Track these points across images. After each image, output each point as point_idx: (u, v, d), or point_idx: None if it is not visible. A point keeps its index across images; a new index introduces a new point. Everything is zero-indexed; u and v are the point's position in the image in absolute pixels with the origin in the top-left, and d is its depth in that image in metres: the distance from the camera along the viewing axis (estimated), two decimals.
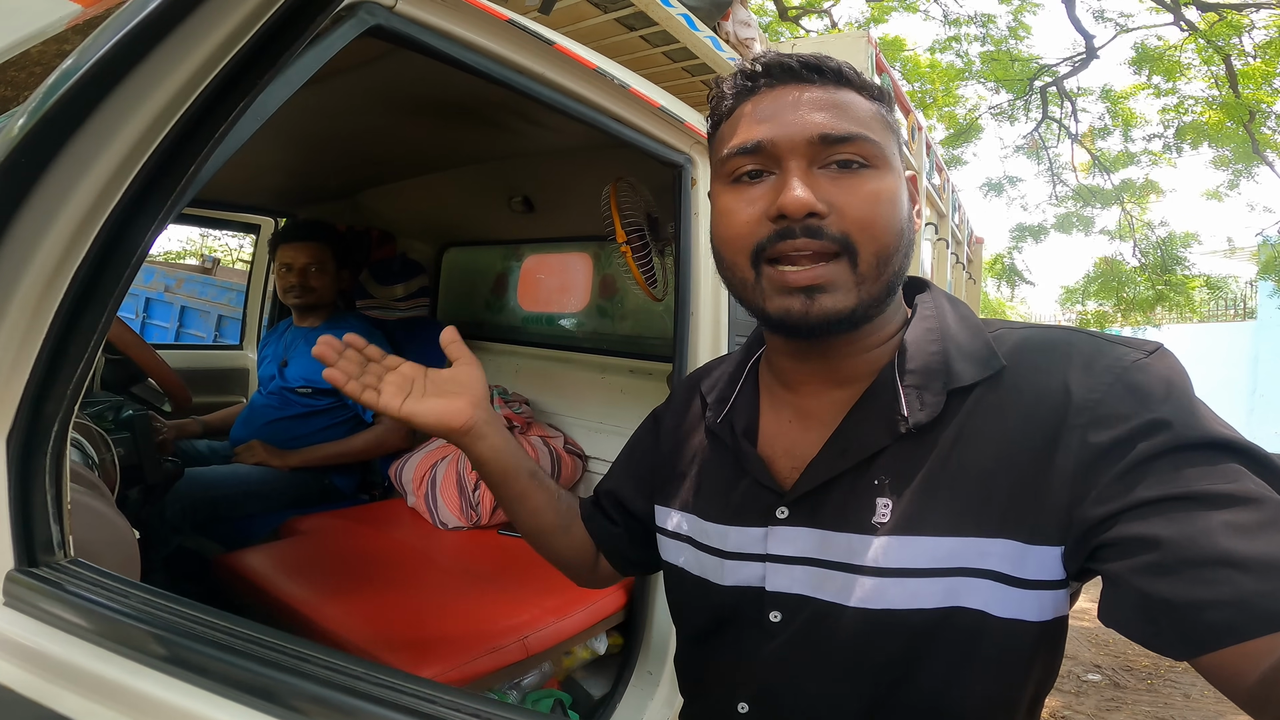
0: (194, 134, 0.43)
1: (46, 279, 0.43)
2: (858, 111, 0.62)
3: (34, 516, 0.48)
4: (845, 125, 0.61)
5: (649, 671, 1.55)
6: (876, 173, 0.61)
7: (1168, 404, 0.53)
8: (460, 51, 0.98)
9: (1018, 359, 0.60)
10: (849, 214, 0.60)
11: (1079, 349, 0.59)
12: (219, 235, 12.77)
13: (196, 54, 0.39)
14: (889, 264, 0.61)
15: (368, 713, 0.36)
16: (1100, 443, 0.53)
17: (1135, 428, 0.52)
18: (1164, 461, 0.50)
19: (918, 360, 0.63)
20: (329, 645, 0.94)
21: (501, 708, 0.37)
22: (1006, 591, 0.56)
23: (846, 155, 0.61)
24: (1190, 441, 0.51)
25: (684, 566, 0.75)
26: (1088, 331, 0.62)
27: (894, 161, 0.63)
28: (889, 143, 0.63)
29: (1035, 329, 0.64)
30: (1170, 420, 0.52)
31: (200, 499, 1.84)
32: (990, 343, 0.62)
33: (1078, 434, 0.54)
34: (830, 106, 0.62)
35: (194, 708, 0.41)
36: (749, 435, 0.72)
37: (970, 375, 0.60)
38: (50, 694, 0.46)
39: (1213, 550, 0.46)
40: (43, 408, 0.46)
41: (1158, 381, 0.54)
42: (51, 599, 0.47)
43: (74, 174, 0.41)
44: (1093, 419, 0.54)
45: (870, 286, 0.61)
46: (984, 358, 0.61)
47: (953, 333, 0.64)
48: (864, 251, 0.60)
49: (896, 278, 0.63)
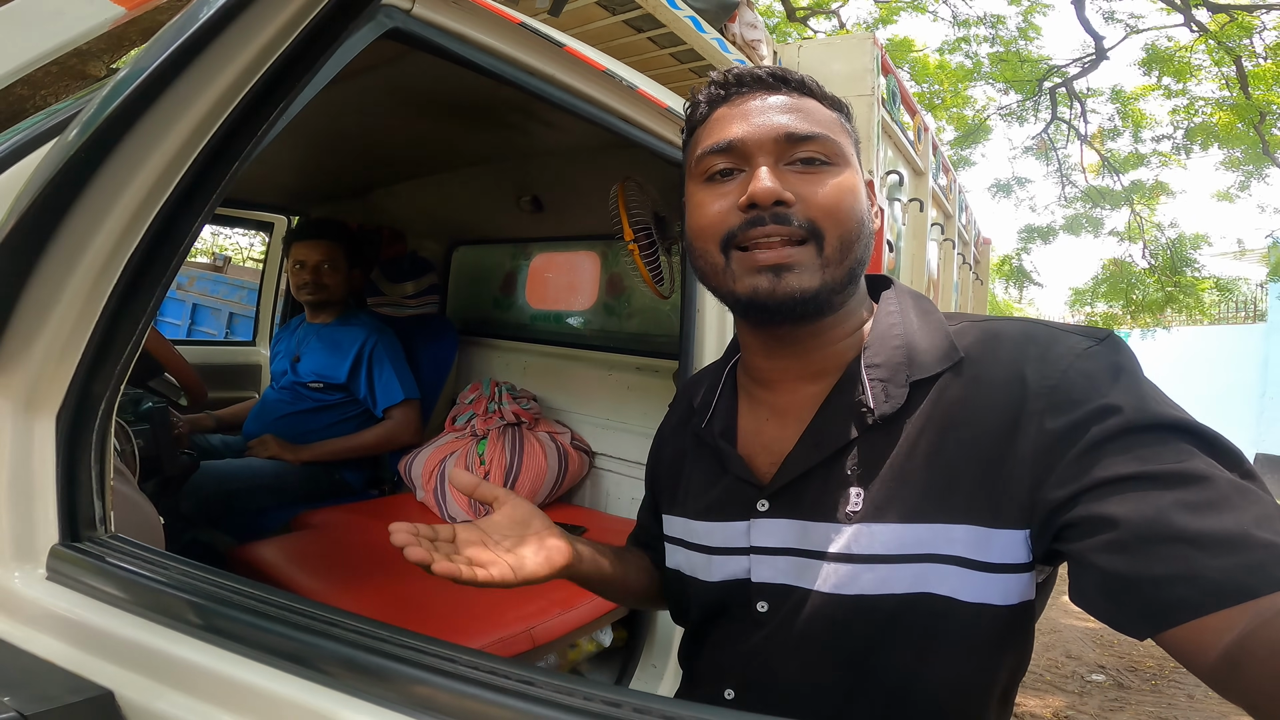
0: (237, 134, 0.46)
1: (100, 267, 0.46)
2: (818, 115, 0.68)
3: (79, 492, 0.51)
4: (808, 125, 0.66)
5: (653, 665, 1.57)
6: (837, 169, 0.66)
7: (1118, 388, 0.55)
8: (473, 53, 1.00)
9: (978, 350, 0.63)
10: (814, 202, 0.64)
11: (1035, 339, 0.61)
12: (230, 234, 12.87)
13: (239, 61, 0.42)
14: (851, 250, 0.66)
15: (394, 671, 0.39)
16: (1056, 428, 0.55)
17: (1088, 412, 0.55)
18: (1117, 443, 0.53)
19: (881, 354, 0.66)
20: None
21: (518, 666, 0.39)
22: (972, 576, 0.58)
23: (809, 153, 0.66)
24: (1141, 423, 0.53)
25: (679, 567, 0.78)
26: (1044, 322, 0.65)
27: (854, 162, 0.69)
28: (848, 145, 0.69)
29: (995, 321, 0.67)
30: (1121, 404, 0.54)
31: (214, 492, 1.87)
32: (950, 335, 0.65)
33: (1035, 420, 0.57)
34: (794, 110, 0.67)
35: (231, 672, 0.44)
36: (727, 436, 0.75)
37: (931, 367, 0.63)
38: (91, 666, 0.48)
39: (1168, 528, 0.48)
40: (91, 388, 0.49)
41: (1107, 367, 0.57)
42: (95, 572, 0.50)
43: (128, 172, 0.43)
44: (1049, 404, 0.57)
45: (834, 270, 0.65)
46: (944, 349, 0.64)
47: (915, 326, 0.67)
48: (829, 236, 0.64)
49: (858, 266, 0.67)
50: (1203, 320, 11.70)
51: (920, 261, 3.29)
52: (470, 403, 2.24)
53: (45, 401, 0.50)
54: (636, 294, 2.31)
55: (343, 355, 2.16)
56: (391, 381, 2.16)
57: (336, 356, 2.17)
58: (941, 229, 3.94)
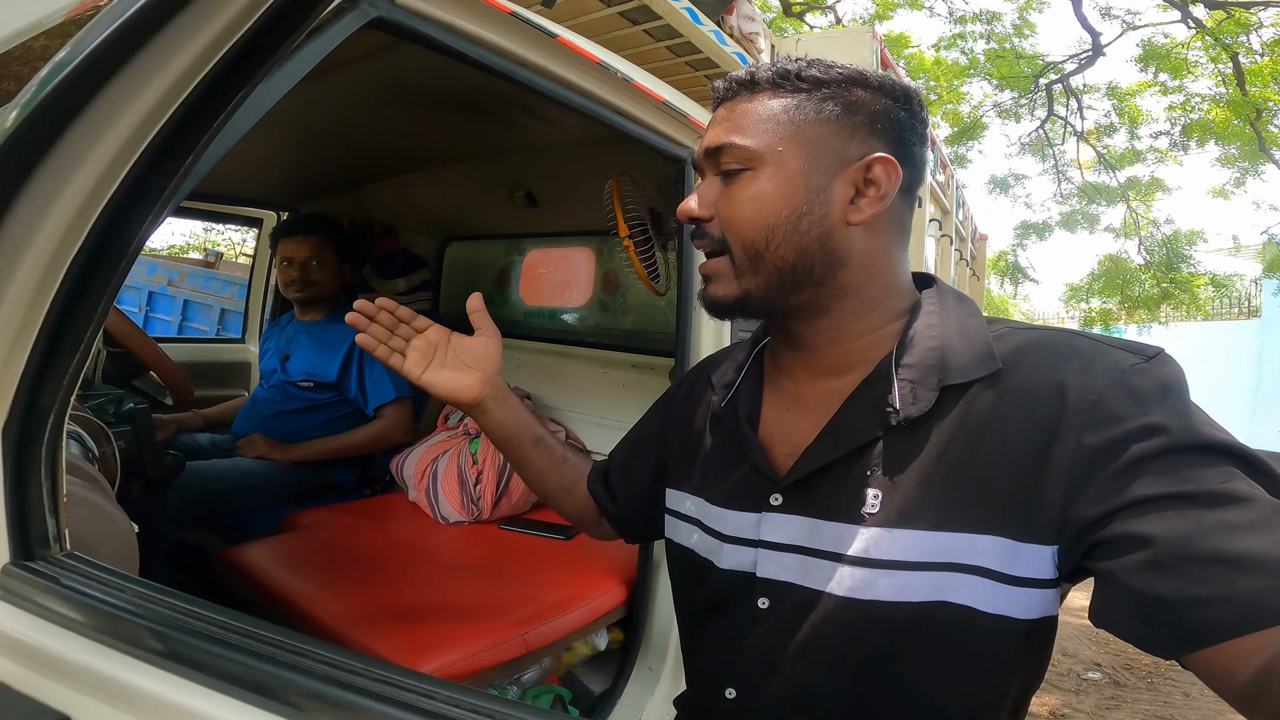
0: (191, 125, 0.42)
1: (42, 270, 0.42)
2: (749, 118, 0.66)
3: (29, 509, 0.48)
4: (724, 135, 0.67)
5: (649, 668, 1.55)
6: (753, 174, 0.66)
7: (1164, 408, 0.53)
8: (462, 44, 0.97)
9: (1017, 359, 0.61)
10: (723, 216, 0.67)
11: (1079, 351, 0.59)
12: (222, 229, 12.80)
13: (193, 44, 0.39)
14: (761, 257, 0.66)
15: (365, 708, 0.36)
16: (1096, 443, 0.53)
17: (1131, 430, 0.52)
18: (1159, 463, 0.51)
19: (915, 355, 0.64)
20: (329, 639, 0.94)
21: (500, 703, 0.36)
22: (995, 588, 0.57)
23: (726, 164, 0.67)
24: (1185, 444, 0.51)
25: (693, 548, 0.76)
26: (1090, 335, 0.62)
27: (785, 158, 0.65)
28: (778, 140, 0.65)
29: (1040, 330, 0.64)
30: (1166, 424, 0.52)
31: (202, 493, 1.84)
32: (990, 343, 0.62)
33: (1074, 434, 0.54)
34: (726, 120, 0.68)
35: (190, 703, 0.41)
36: (751, 421, 0.74)
37: (966, 373, 0.61)
38: (46, 689, 0.45)
39: (1205, 548, 0.46)
40: (38, 400, 0.46)
41: (1155, 386, 0.55)
42: (47, 593, 0.47)
43: (70, 165, 0.40)
44: (1089, 420, 0.54)
45: (751, 278, 0.67)
46: (982, 357, 0.61)
47: (953, 330, 0.65)
48: (734, 248, 0.67)
49: (790, 268, 0.65)
50: (1198, 316, 11.73)
51: (918, 257, 3.28)
52: None
53: None
54: (632, 290, 2.29)
55: (333, 353, 2.13)
56: (383, 380, 2.13)
57: (327, 355, 2.13)
58: (939, 225, 3.93)
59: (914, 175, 0.68)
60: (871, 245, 0.67)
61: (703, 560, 0.74)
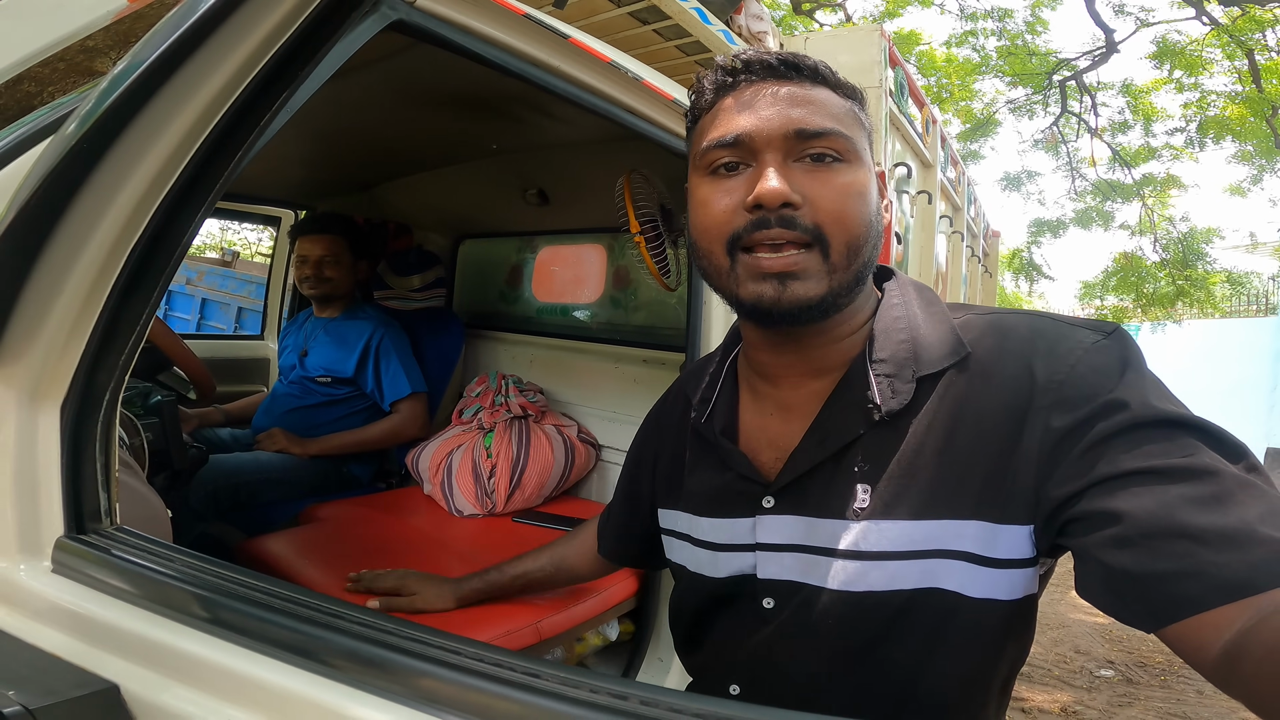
0: (236, 129, 0.46)
1: (102, 260, 0.45)
2: (832, 108, 0.64)
3: (84, 484, 0.51)
4: (820, 120, 0.63)
5: (659, 659, 1.57)
6: (849, 167, 0.63)
7: (1124, 384, 0.55)
8: (478, 45, 1.00)
9: (984, 344, 0.62)
10: (822, 206, 0.61)
11: (1043, 333, 0.61)
12: (238, 229, 12.91)
13: (238, 53, 0.42)
14: (859, 255, 0.63)
15: (400, 664, 0.39)
16: (1063, 425, 0.55)
17: (1095, 408, 0.54)
18: (1123, 439, 0.53)
19: (887, 349, 0.65)
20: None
21: (524, 659, 0.39)
22: (979, 571, 0.58)
23: (820, 149, 0.62)
24: (1147, 419, 0.53)
25: (684, 564, 0.78)
26: (1050, 315, 0.64)
27: (865, 157, 0.66)
28: (860, 139, 0.65)
29: (1001, 314, 0.66)
30: (1127, 400, 0.54)
31: (223, 486, 1.88)
32: (955, 329, 0.64)
33: (1042, 416, 0.56)
34: (806, 102, 0.63)
35: (236, 665, 0.44)
36: (728, 433, 0.74)
37: (938, 362, 0.63)
38: (97, 659, 0.48)
39: (1172, 523, 0.48)
40: (96, 378, 0.49)
41: (1115, 362, 0.57)
42: (99, 564, 0.50)
43: (126, 168, 0.43)
44: (1055, 400, 0.56)
45: (840, 276, 0.63)
46: (951, 344, 0.63)
47: (920, 321, 0.66)
48: (835, 242, 0.62)
49: (865, 268, 0.65)
50: (1214, 314, 11.59)
51: (929, 254, 3.28)
52: (477, 396, 2.23)
53: (49, 393, 0.49)
54: (643, 286, 2.31)
55: (350, 349, 2.17)
56: (398, 375, 2.17)
57: (343, 351, 2.17)
58: (950, 222, 3.92)
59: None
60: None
61: (694, 574, 0.76)
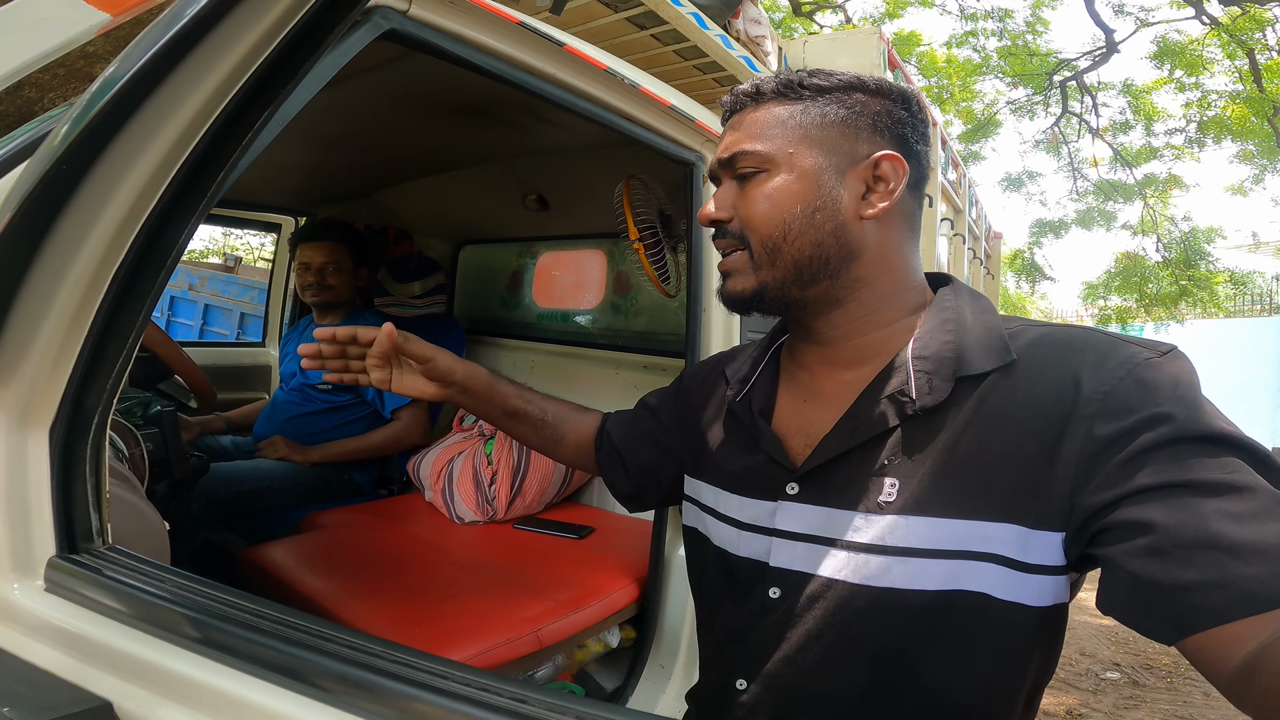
0: (225, 138, 0.45)
1: (89, 279, 0.45)
2: (760, 123, 0.71)
3: (75, 505, 0.51)
4: (741, 144, 0.71)
5: (661, 665, 1.56)
6: (767, 175, 0.70)
7: (1173, 399, 0.54)
8: (473, 54, 1.00)
9: (1032, 352, 0.62)
10: (741, 214, 0.72)
11: (1094, 346, 0.60)
12: (241, 234, 12.94)
13: (226, 62, 0.42)
14: (779, 249, 0.69)
15: (387, 689, 0.38)
16: (1106, 434, 0.55)
17: (1139, 420, 0.54)
18: (1164, 452, 0.52)
19: (930, 347, 0.66)
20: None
21: (512, 683, 0.39)
22: (1010, 575, 0.58)
23: (741, 169, 0.72)
24: (1191, 434, 0.52)
25: (708, 535, 0.79)
26: (1105, 331, 0.64)
27: (796, 160, 0.69)
28: (789, 143, 0.69)
29: (1054, 327, 0.66)
30: (1174, 414, 0.53)
31: (224, 494, 1.88)
32: (1004, 336, 0.64)
33: (1085, 424, 0.56)
34: (742, 127, 0.72)
35: (223, 685, 0.43)
36: (764, 414, 0.76)
37: (981, 364, 0.63)
38: (88, 676, 0.48)
39: (1204, 535, 0.47)
40: (84, 401, 0.49)
41: (1166, 379, 0.56)
42: (91, 584, 0.50)
43: (114, 179, 0.43)
44: (1100, 410, 0.56)
45: (769, 271, 0.71)
46: (996, 349, 0.63)
47: (968, 325, 0.67)
48: (753, 242, 0.71)
49: (809, 261, 0.69)
50: (1217, 313, 11.56)
51: (930, 256, 3.27)
52: None
53: (38, 416, 0.49)
54: (643, 292, 2.31)
55: None
56: None
57: None
58: (951, 224, 3.91)
59: (920, 171, 0.71)
60: (883, 239, 0.70)
61: (718, 548, 0.77)
